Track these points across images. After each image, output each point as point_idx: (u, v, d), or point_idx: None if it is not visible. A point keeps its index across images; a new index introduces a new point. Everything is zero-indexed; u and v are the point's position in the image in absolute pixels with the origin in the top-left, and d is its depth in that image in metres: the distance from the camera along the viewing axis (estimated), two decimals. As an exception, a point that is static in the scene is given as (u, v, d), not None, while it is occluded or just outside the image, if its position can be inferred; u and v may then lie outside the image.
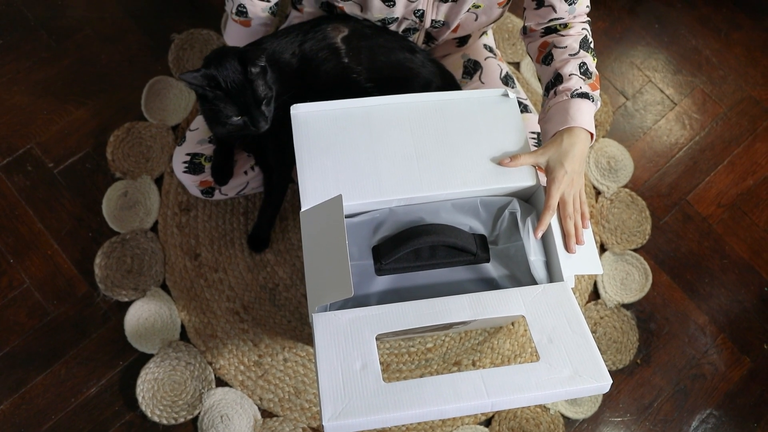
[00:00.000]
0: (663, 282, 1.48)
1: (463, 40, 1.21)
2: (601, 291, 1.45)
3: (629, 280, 1.47)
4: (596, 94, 1.01)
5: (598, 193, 1.54)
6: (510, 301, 0.89)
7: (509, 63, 1.66)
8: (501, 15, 1.13)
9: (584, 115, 0.97)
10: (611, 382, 0.83)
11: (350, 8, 1.08)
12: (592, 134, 0.99)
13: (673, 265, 1.50)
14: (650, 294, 1.46)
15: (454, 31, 1.14)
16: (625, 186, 1.56)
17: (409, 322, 0.86)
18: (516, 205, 0.98)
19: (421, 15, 1.08)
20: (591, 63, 1.03)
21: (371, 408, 0.79)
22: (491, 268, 0.96)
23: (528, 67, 1.66)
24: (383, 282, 0.94)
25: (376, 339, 0.85)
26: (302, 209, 0.93)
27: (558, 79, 1.02)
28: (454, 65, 1.23)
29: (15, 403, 1.27)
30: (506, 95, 1.04)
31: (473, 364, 1.36)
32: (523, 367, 0.84)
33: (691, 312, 1.46)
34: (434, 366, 1.35)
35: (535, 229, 0.95)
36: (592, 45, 1.06)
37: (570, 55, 1.03)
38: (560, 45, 1.04)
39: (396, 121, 0.99)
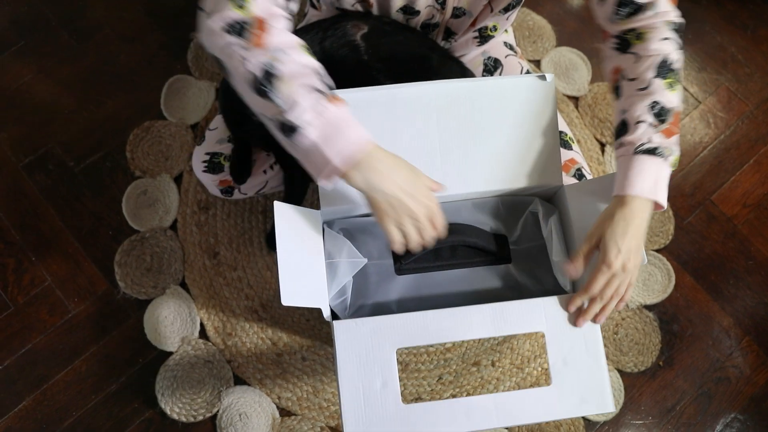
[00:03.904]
0: (686, 283, 1.45)
1: (483, 39, 1.19)
2: (623, 292, 1.43)
3: (652, 281, 1.45)
4: (671, 141, 0.82)
5: (619, 192, 1.52)
6: (533, 314, 0.87)
7: (530, 61, 1.64)
8: (516, 2, 1.08)
9: (645, 179, 0.81)
10: (614, 411, 0.89)
11: None
12: (656, 203, 0.82)
13: (696, 266, 1.47)
14: (673, 295, 1.44)
15: (473, 24, 1.12)
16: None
17: (430, 338, 0.85)
18: (538, 206, 0.97)
19: (443, 2, 1.05)
20: (668, 98, 0.83)
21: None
22: (512, 269, 0.95)
23: (548, 65, 1.64)
24: (403, 282, 0.94)
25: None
26: (321, 208, 0.92)
27: (624, 126, 0.85)
28: (474, 63, 1.22)
29: (37, 400, 1.29)
30: (543, 78, 0.96)
31: (492, 365, 1.35)
32: (534, 392, 0.86)
33: (715, 314, 1.43)
34: (453, 366, 1.34)
35: (569, 304, 0.85)
36: (675, 65, 0.84)
37: (639, 89, 0.84)
38: (629, 76, 0.86)
39: (422, 110, 0.94)
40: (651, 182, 0.81)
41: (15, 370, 1.30)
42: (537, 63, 1.64)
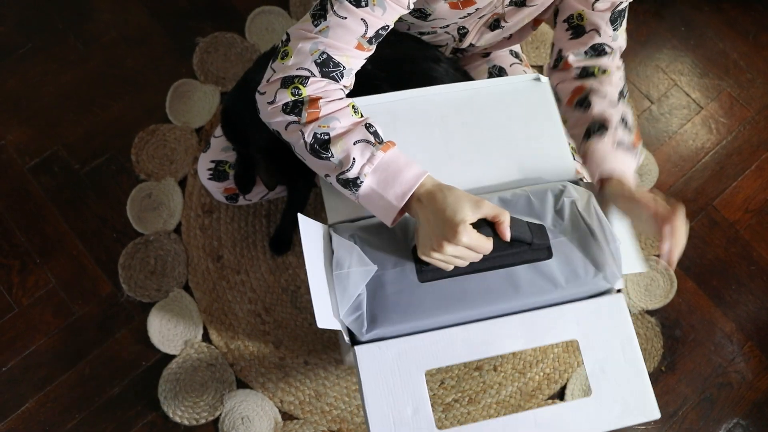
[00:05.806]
0: (688, 288, 1.46)
1: (489, 53, 1.21)
2: (625, 297, 1.43)
3: (654, 286, 1.45)
4: (638, 150, 0.95)
5: (622, 197, 1.53)
6: (565, 322, 0.83)
7: (533, 66, 1.65)
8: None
9: (631, 166, 0.92)
10: (659, 416, 0.83)
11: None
12: None
13: (698, 272, 1.47)
14: (675, 300, 1.44)
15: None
16: (650, 191, 1.53)
17: (460, 357, 0.80)
18: (571, 191, 0.88)
19: (464, 34, 1.07)
20: (631, 117, 0.96)
21: None
22: (552, 264, 0.85)
23: (551, 70, 1.65)
24: (426, 290, 0.84)
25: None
26: (329, 221, 0.89)
27: (602, 127, 0.93)
28: (479, 72, 1.22)
29: (40, 401, 1.29)
30: (538, 79, 0.96)
31: (494, 369, 1.35)
32: (575, 404, 0.83)
33: (717, 319, 1.44)
34: (455, 370, 1.34)
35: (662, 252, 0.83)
36: (627, 95, 1.00)
37: (610, 106, 0.96)
38: (599, 93, 0.97)
39: (423, 116, 0.93)
40: (632, 169, 0.93)
41: (18, 372, 1.31)
42: (540, 68, 1.65)
